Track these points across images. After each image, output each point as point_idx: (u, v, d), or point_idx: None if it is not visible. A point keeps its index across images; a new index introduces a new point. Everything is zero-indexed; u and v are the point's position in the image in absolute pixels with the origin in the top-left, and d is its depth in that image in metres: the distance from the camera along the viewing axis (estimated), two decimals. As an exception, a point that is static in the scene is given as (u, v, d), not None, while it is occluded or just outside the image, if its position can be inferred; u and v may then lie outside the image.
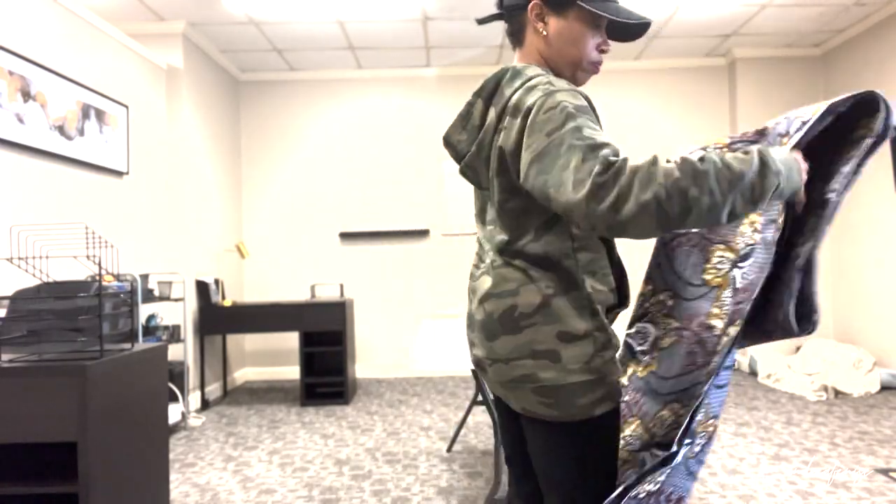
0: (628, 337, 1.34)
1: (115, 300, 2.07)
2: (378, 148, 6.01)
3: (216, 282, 4.98)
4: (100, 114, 3.86)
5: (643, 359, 1.31)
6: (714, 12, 4.84)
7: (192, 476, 3.30)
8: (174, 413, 4.06)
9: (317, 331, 4.92)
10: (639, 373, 1.30)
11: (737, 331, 1.19)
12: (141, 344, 2.21)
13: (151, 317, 4.14)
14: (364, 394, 5.19)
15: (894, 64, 4.81)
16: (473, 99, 1.29)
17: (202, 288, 4.86)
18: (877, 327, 5.08)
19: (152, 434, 2.18)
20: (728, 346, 1.19)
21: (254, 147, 6.03)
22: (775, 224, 1.19)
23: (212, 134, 5.35)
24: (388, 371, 5.96)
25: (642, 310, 1.34)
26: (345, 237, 5.97)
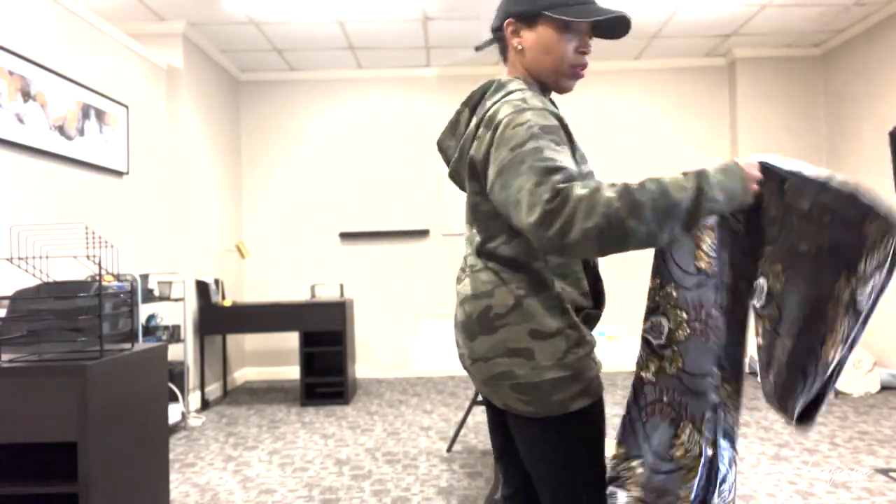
0: (644, 333, 1.34)
1: (115, 300, 2.07)
2: (378, 148, 6.01)
3: (216, 282, 4.98)
4: (100, 114, 3.86)
5: (665, 353, 1.30)
6: (714, 12, 4.84)
7: (192, 476, 3.30)
8: (174, 413, 4.06)
9: (317, 331, 4.92)
10: (667, 369, 1.29)
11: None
12: (141, 344, 2.21)
13: (151, 317, 4.14)
14: (364, 394, 5.19)
15: (894, 64, 4.81)
16: (462, 108, 1.37)
17: (202, 288, 4.86)
18: (877, 327, 5.08)
19: (152, 434, 2.18)
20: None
21: (254, 147, 6.03)
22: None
23: (212, 134, 5.35)
24: (388, 371, 5.96)
25: (654, 303, 1.34)
26: (345, 237, 5.97)
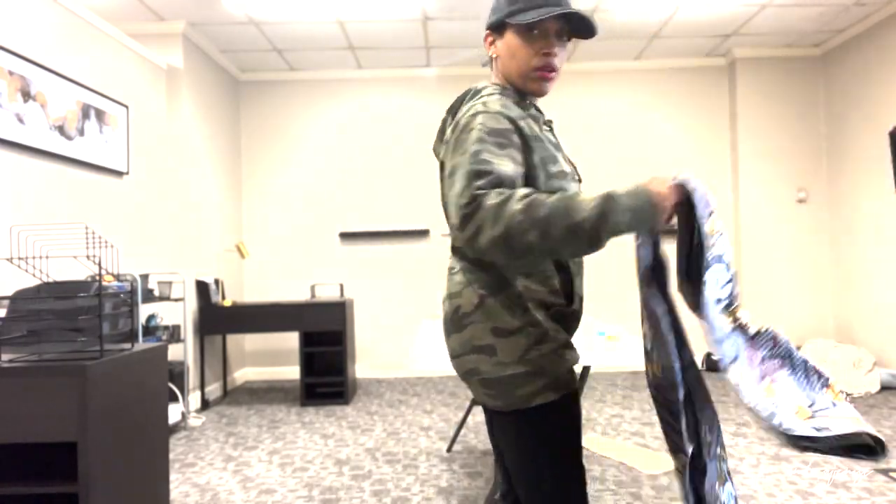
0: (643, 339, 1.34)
1: (115, 300, 2.07)
2: (378, 148, 6.01)
3: (216, 282, 4.98)
4: (100, 114, 3.86)
5: (652, 356, 1.30)
6: (714, 12, 4.84)
7: (192, 476, 3.30)
8: (174, 413, 4.06)
9: (317, 331, 4.92)
10: (656, 372, 1.29)
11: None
12: (141, 344, 2.21)
13: (151, 317, 4.14)
14: (364, 394, 5.19)
15: (894, 64, 4.81)
16: (446, 115, 1.44)
17: (202, 288, 4.86)
18: (877, 327, 5.08)
19: (152, 434, 2.18)
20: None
21: (254, 147, 6.03)
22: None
23: (212, 134, 5.35)
24: (388, 371, 5.96)
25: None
26: (345, 237, 5.97)
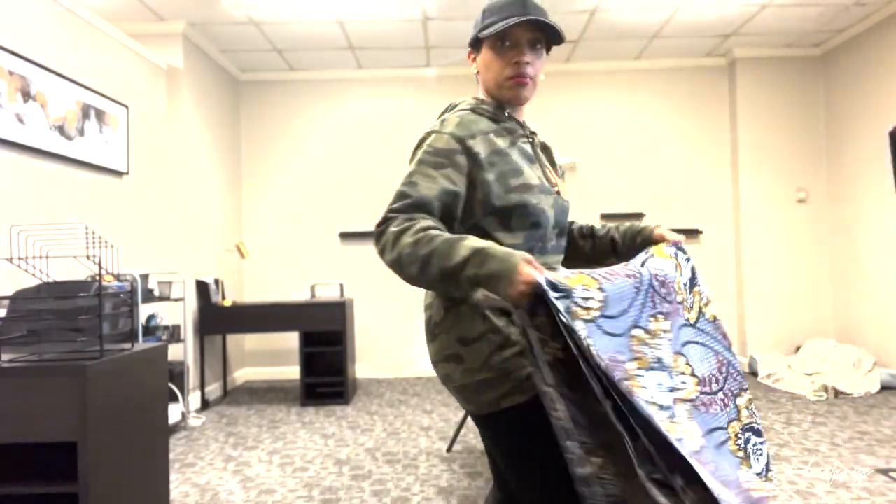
0: None
1: (115, 300, 2.07)
2: (378, 148, 6.01)
3: (216, 282, 4.98)
4: (100, 114, 3.86)
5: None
6: (714, 12, 4.84)
7: (192, 476, 3.30)
8: (174, 413, 4.06)
9: (317, 331, 4.92)
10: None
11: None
12: (141, 344, 2.21)
13: (151, 317, 4.14)
14: (364, 394, 5.19)
15: (894, 64, 4.81)
16: None
17: (202, 288, 4.86)
18: (877, 327, 5.08)
19: (152, 434, 2.18)
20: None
21: (254, 147, 6.02)
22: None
23: (212, 134, 5.35)
24: (388, 371, 5.96)
25: None
26: (345, 237, 5.97)
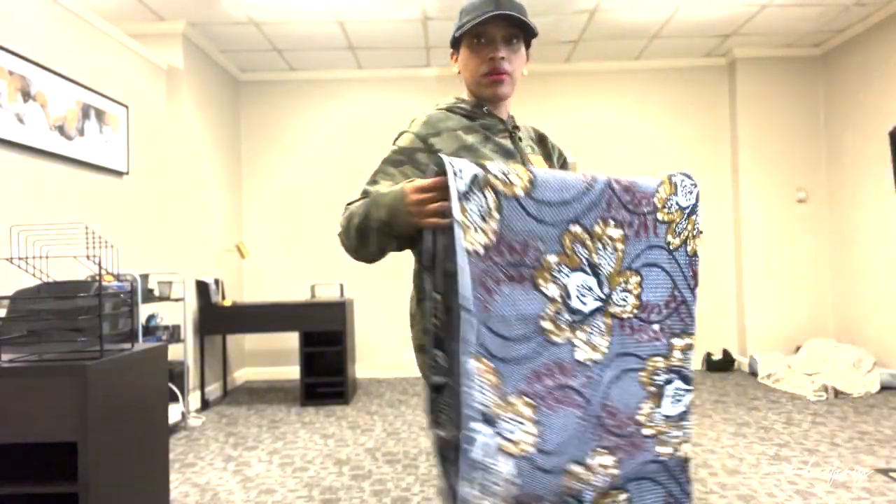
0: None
1: (115, 300, 2.07)
2: (378, 148, 6.01)
3: (216, 282, 4.98)
4: (100, 114, 3.86)
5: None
6: (714, 12, 4.84)
7: (192, 476, 3.30)
8: (174, 413, 4.06)
9: (317, 331, 4.92)
10: None
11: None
12: (141, 344, 2.21)
13: (151, 317, 4.14)
14: (364, 394, 5.19)
15: (894, 64, 4.81)
16: None
17: (202, 288, 4.86)
18: (877, 327, 5.08)
19: (152, 434, 2.18)
20: None
21: (254, 147, 6.02)
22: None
23: (212, 134, 5.35)
24: (388, 371, 5.96)
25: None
26: (345, 237, 5.96)
